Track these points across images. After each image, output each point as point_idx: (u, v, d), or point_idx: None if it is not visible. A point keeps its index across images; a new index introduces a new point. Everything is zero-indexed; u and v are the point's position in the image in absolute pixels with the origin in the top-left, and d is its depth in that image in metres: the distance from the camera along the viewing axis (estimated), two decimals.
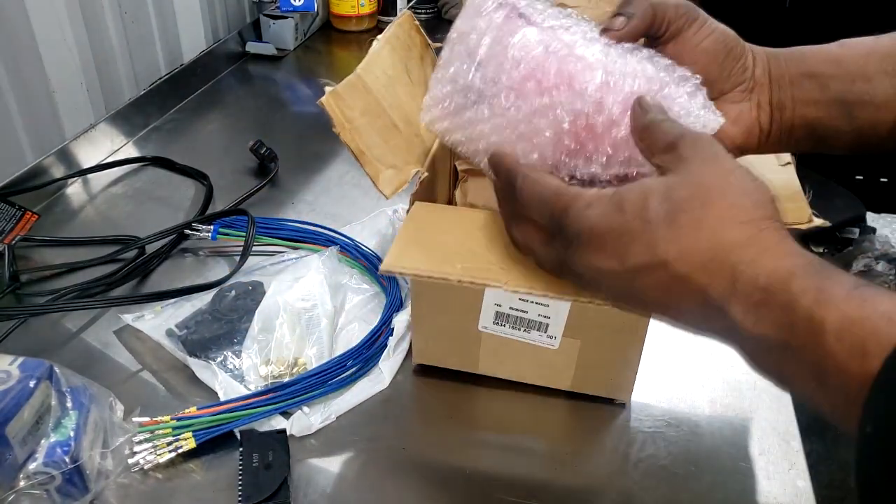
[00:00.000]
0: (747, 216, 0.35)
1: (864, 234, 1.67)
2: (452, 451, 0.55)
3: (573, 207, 0.39)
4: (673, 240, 0.36)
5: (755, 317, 0.34)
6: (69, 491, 0.48)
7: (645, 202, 0.37)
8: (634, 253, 0.37)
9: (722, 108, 0.48)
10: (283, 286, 0.65)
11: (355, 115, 0.53)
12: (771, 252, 0.34)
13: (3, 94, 0.80)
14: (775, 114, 0.48)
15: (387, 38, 0.59)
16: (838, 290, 0.31)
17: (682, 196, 0.36)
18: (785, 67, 0.48)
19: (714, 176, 0.37)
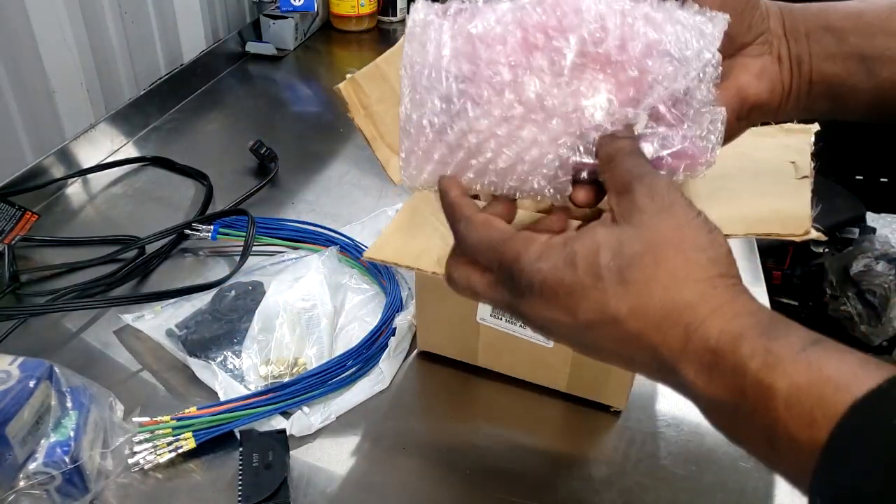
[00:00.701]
0: (702, 274, 0.35)
1: (864, 234, 1.67)
2: (453, 450, 0.55)
3: (523, 258, 0.38)
4: (624, 297, 0.35)
5: (706, 378, 0.33)
6: (69, 491, 0.48)
7: (596, 257, 0.36)
8: (585, 309, 0.36)
9: (745, 62, 0.45)
10: (283, 286, 0.65)
11: (371, 102, 0.54)
12: (722, 311, 0.34)
13: (3, 94, 0.80)
14: (794, 68, 0.46)
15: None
16: (786, 353, 0.31)
17: (635, 251, 0.35)
18: (801, 20, 0.46)
19: (668, 229, 0.35)
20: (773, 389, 0.30)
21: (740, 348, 0.32)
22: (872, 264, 1.61)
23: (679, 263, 0.35)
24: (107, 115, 0.96)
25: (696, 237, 0.36)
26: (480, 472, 0.53)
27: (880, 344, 1.63)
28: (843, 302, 1.62)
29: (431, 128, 0.42)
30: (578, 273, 0.36)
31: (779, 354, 0.31)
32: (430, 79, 0.42)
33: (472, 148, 0.41)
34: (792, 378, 0.30)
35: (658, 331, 0.34)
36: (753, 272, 0.74)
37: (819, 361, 0.30)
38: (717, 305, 0.34)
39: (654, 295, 0.34)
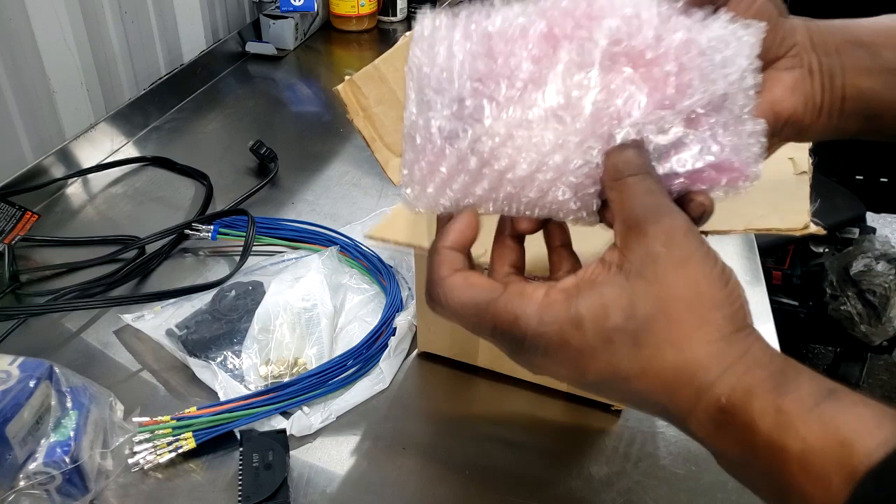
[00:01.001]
0: (717, 334, 0.33)
1: (864, 234, 1.67)
2: (453, 450, 0.55)
3: (522, 321, 0.35)
4: (636, 359, 0.34)
5: (717, 435, 0.33)
6: (69, 491, 0.48)
7: (606, 321, 0.34)
8: (595, 370, 0.35)
9: (778, 76, 0.42)
10: (283, 286, 0.65)
11: (369, 103, 0.54)
12: (734, 368, 0.32)
13: (3, 94, 0.80)
14: (825, 81, 0.42)
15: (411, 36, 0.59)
16: (798, 410, 0.30)
17: (648, 313, 0.33)
18: (828, 34, 0.43)
19: (684, 286, 0.33)
20: (786, 451, 0.30)
21: (751, 406, 0.31)
22: (872, 264, 1.61)
23: (694, 323, 0.33)
24: (107, 115, 0.96)
25: (713, 294, 0.33)
26: (480, 471, 0.53)
27: (880, 344, 1.63)
28: (843, 302, 1.62)
29: (440, 134, 0.37)
30: (587, 337, 0.34)
31: (790, 412, 0.30)
32: (441, 80, 0.37)
33: (487, 154, 0.37)
34: (805, 439, 0.29)
35: (668, 391, 0.34)
36: (753, 272, 0.74)
37: (833, 419, 0.29)
38: (730, 363, 0.32)
39: (667, 357, 0.33)
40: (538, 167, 0.36)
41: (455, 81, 0.37)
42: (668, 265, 0.33)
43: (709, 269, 0.34)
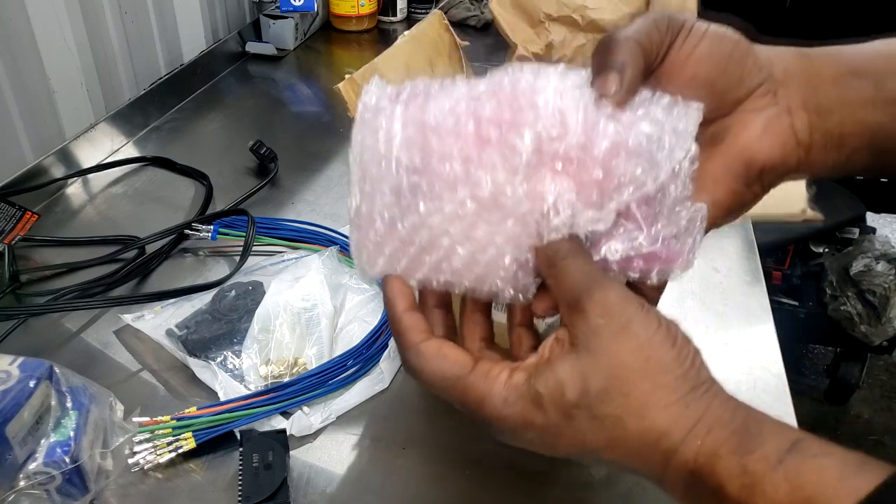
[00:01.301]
0: (672, 397, 0.33)
1: (864, 234, 1.67)
2: (453, 450, 0.55)
3: (487, 405, 0.36)
4: (599, 432, 0.34)
5: (691, 495, 0.33)
6: (69, 491, 0.48)
7: (563, 399, 0.34)
8: (563, 445, 0.36)
9: (745, 118, 0.39)
10: (283, 286, 0.65)
11: None
12: (696, 432, 0.33)
13: (3, 94, 0.80)
14: (815, 119, 0.39)
15: (413, 35, 0.60)
16: (763, 469, 0.30)
17: (601, 386, 0.34)
18: (821, 65, 0.39)
19: (629, 353, 0.33)
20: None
21: (717, 469, 0.31)
22: (872, 264, 1.61)
23: (647, 390, 0.33)
24: (107, 115, 0.96)
25: (660, 358, 0.34)
26: (480, 472, 0.53)
27: (880, 344, 1.63)
28: (843, 302, 1.62)
29: (382, 221, 0.38)
30: (549, 415, 0.35)
31: (756, 472, 0.30)
32: (381, 168, 0.38)
33: (425, 244, 0.38)
34: (773, 499, 0.30)
35: (637, 458, 0.34)
36: (753, 272, 0.74)
37: (797, 476, 0.30)
38: (691, 426, 0.33)
39: (629, 427, 0.34)
40: (472, 261, 0.37)
41: (394, 172, 0.38)
42: (610, 336, 0.34)
43: (651, 332, 0.34)
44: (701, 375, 0.34)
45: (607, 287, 0.35)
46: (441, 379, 0.37)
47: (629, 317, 0.34)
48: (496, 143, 0.36)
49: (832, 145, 0.39)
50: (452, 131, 0.37)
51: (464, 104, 0.37)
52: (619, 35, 0.37)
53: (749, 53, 0.39)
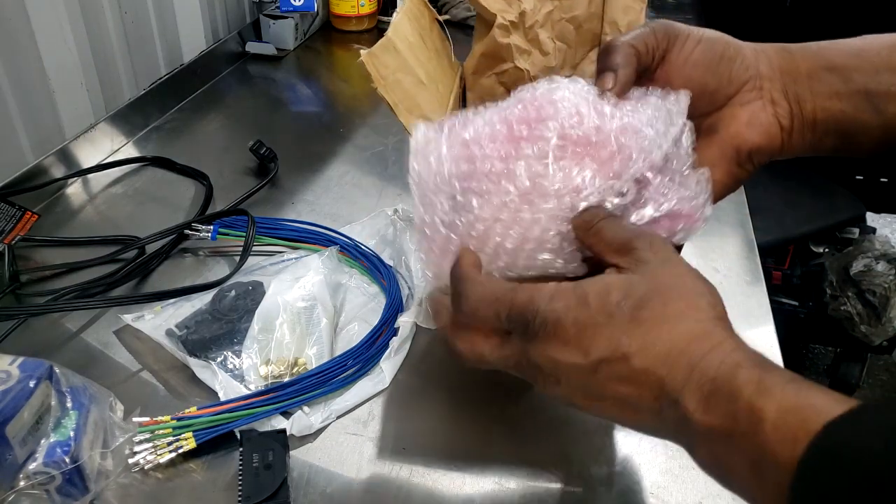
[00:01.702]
0: (703, 315, 0.37)
1: (864, 234, 1.67)
2: (452, 451, 0.55)
3: (537, 300, 0.40)
4: (635, 334, 0.37)
5: (705, 406, 0.35)
6: (69, 491, 0.48)
7: (608, 297, 0.38)
8: (598, 346, 0.38)
9: (734, 112, 0.46)
10: (283, 286, 0.65)
11: (389, 72, 0.58)
12: (722, 346, 0.36)
13: (3, 94, 0.80)
14: (794, 107, 0.46)
15: (404, 11, 0.64)
16: (777, 381, 0.34)
17: (643, 293, 0.38)
18: (800, 60, 0.46)
19: (672, 276, 0.39)
20: (763, 412, 0.33)
21: (737, 377, 0.34)
22: (872, 264, 1.61)
23: (683, 305, 0.38)
24: (107, 115, 0.96)
25: (695, 285, 0.39)
26: (480, 472, 0.53)
27: (880, 344, 1.63)
28: (843, 302, 1.62)
29: (443, 225, 0.46)
30: (591, 311, 0.38)
31: (770, 382, 0.34)
32: (437, 184, 0.46)
33: (481, 236, 0.45)
34: (780, 402, 0.32)
35: (665, 364, 0.37)
36: (753, 272, 0.74)
37: (805, 391, 0.33)
38: (718, 341, 0.36)
39: (663, 332, 0.37)
40: (523, 240, 0.44)
41: (447, 183, 0.46)
42: (657, 263, 0.39)
43: (690, 268, 0.40)
44: (725, 314, 0.39)
45: (650, 232, 0.41)
46: (491, 295, 0.42)
47: (671, 254, 0.40)
48: (527, 136, 0.44)
49: (807, 129, 0.46)
50: (489, 137, 0.45)
51: (496, 115, 0.45)
52: (617, 41, 0.44)
53: (738, 54, 0.46)
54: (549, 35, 0.62)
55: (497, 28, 0.61)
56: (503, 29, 0.61)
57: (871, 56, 0.45)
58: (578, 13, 0.61)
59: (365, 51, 0.56)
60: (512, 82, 0.63)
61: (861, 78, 0.45)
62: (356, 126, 1.06)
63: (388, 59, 0.58)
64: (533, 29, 0.62)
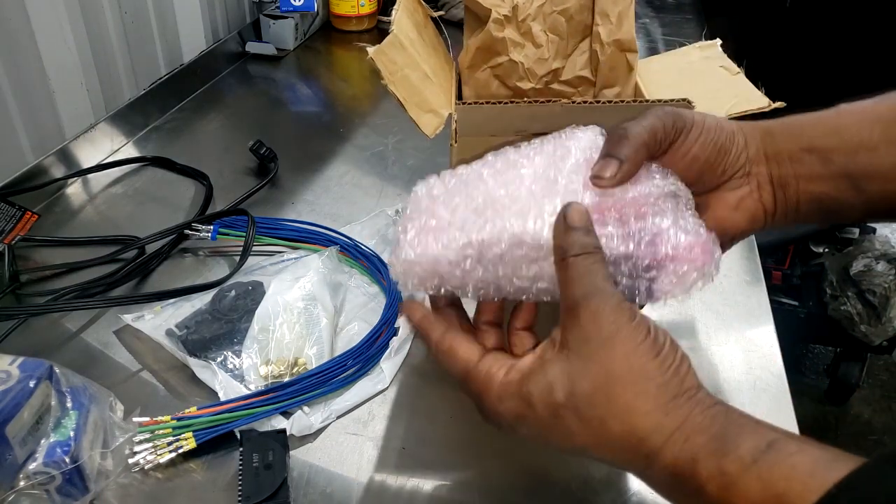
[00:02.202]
0: (652, 404, 0.36)
1: (864, 234, 1.67)
2: (452, 451, 0.55)
3: (486, 400, 0.41)
4: (585, 432, 0.37)
5: (674, 495, 0.36)
6: (69, 491, 0.48)
7: (551, 397, 0.38)
8: (554, 441, 0.39)
9: (722, 196, 0.47)
10: (283, 286, 0.65)
11: (397, 68, 0.58)
12: (674, 438, 0.35)
13: (3, 94, 0.80)
14: (778, 192, 0.47)
15: (402, 8, 0.64)
16: (738, 470, 0.33)
17: (586, 390, 0.37)
18: (782, 143, 0.47)
19: (615, 361, 0.37)
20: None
21: (697, 472, 0.34)
22: (872, 264, 1.61)
23: (629, 398, 0.36)
24: (107, 115, 0.96)
25: (643, 367, 0.36)
26: (480, 471, 0.53)
27: (880, 344, 1.63)
28: (843, 302, 1.62)
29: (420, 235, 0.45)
30: (538, 413, 0.39)
31: (732, 473, 0.33)
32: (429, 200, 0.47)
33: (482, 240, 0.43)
34: (747, 497, 0.32)
35: (623, 457, 0.38)
36: (753, 272, 0.74)
37: (770, 474, 0.32)
38: (670, 433, 0.35)
39: (613, 430, 0.37)
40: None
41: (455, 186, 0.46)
42: (598, 343, 0.37)
43: (638, 342, 0.37)
44: (684, 384, 0.37)
45: (604, 297, 0.38)
46: (453, 372, 0.43)
47: (619, 327, 0.37)
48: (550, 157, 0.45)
49: (791, 210, 0.47)
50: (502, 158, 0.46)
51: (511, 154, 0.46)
52: (631, 132, 0.43)
53: (733, 144, 0.46)
54: (541, 28, 0.63)
55: (492, 22, 0.61)
56: (498, 23, 0.61)
57: (850, 134, 0.45)
58: (570, 5, 0.62)
59: (372, 48, 0.56)
60: (506, 75, 0.63)
61: (840, 159, 0.45)
62: (356, 126, 1.06)
63: (396, 55, 0.58)
64: (526, 22, 0.62)
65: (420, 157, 0.95)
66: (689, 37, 1.38)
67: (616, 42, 0.61)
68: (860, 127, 0.45)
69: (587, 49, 0.63)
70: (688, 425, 0.35)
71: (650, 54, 0.84)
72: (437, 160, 0.93)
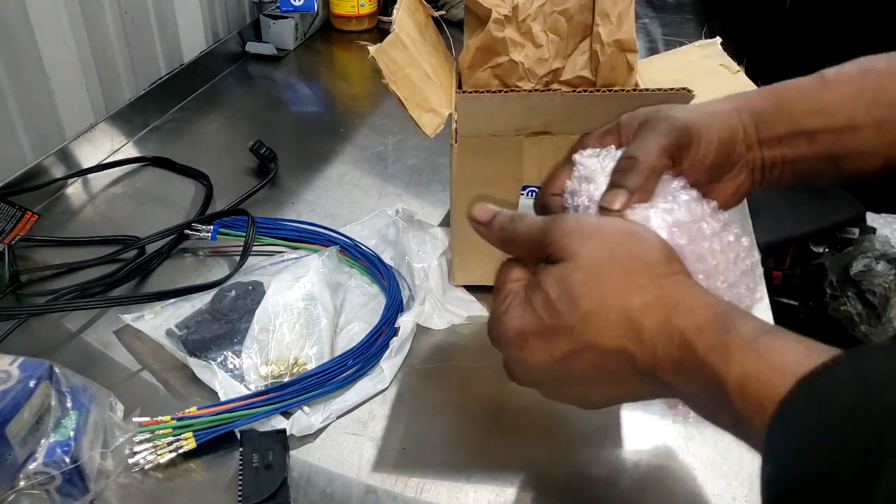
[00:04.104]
0: (644, 279, 0.37)
1: (864, 234, 1.67)
2: (452, 451, 0.55)
3: (495, 316, 0.42)
4: (586, 323, 0.37)
5: (681, 377, 0.35)
6: (69, 491, 0.48)
7: (546, 297, 0.38)
8: (559, 344, 0.38)
9: (723, 186, 0.48)
10: (283, 286, 0.65)
11: (398, 67, 0.58)
12: (677, 310, 0.36)
13: (3, 94, 0.80)
14: (767, 173, 0.49)
15: (403, 8, 0.64)
16: (738, 344, 0.33)
17: (576, 281, 0.37)
18: (773, 129, 0.47)
19: (598, 250, 0.38)
20: (727, 381, 0.33)
21: (700, 344, 0.34)
22: (872, 264, 1.61)
23: (620, 276, 0.37)
24: (107, 115, 0.96)
25: (626, 249, 0.38)
26: (480, 471, 0.53)
27: None
28: (843, 302, 1.62)
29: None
30: (539, 315, 0.39)
31: (732, 347, 0.33)
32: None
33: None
34: (742, 368, 0.32)
35: (628, 339, 0.37)
36: None
37: (768, 350, 0.32)
38: (671, 305, 0.36)
39: (611, 312, 0.37)
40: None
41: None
42: (578, 242, 0.39)
43: (616, 231, 0.39)
44: (672, 265, 0.38)
45: (563, 217, 0.41)
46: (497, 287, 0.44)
47: (592, 225, 0.39)
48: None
49: (773, 182, 0.49)
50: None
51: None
52: (640, 160, 0.44)
53: (737, 140, 0.47)
54: (541, 28, 0.63)
55: (492, 22, 0.61)
56: (498, 23, 0.61)
57: (836, 112, 0.46)
58: (570, 6, 0.62)
59: (374, 47, 0.56)
60: (507, 75, 0.63)
61: (826, 139, 0.46)
62: (356, 126, 1.06)
63: (397, 54, 0.59)
64: (526, 22, 0.63)
65: (420, 157, 0.95)
66: (689, 37, 1.38)
67: (616, 42, 0.61)
68: (847, 103, 0.46)
69: (587, 49, 0.63)
70: (689, 299, 0.36)
71: (650, 54, 0.84)
72: (437, 160, 0.93)
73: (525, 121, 0.58)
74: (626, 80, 0.63)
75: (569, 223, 0.40)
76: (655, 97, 0.55)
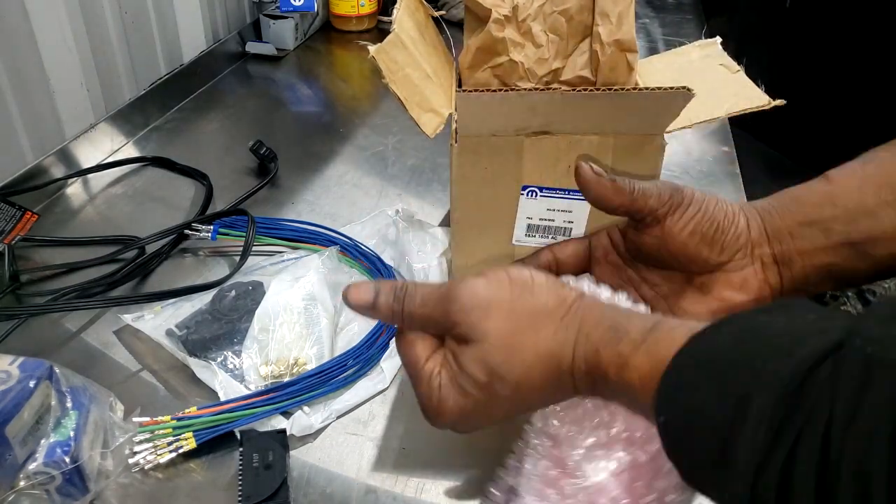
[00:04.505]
0: (550, 326, 0.40)
1: None
2: (453, 450, 0.55)
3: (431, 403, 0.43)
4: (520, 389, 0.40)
5: (599, 394, 0.40)
6: (69, 491, 0.48)
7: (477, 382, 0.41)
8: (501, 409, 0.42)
9: (727, 277, 0.47)
10: (283, 286, 0.65)
11: (398, 67, 0.58)
12: (579, 341, 0.39)
13: (3, 94, 0.80)
14: (783, 270, 0.47)
15: (403, 8, 0.64)
16: (631, 351, 0.36)
17: (498, 360, 0.40)
18: (781, 221, 0.47)
19: (502, 321, 0.40)
20: (631, 385, 0.36)
21: (601, 361, 0.38)
22: None
23: (531, 336, 0.40)
24: (107, 115, 0.96)
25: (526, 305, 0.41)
26: (480, 472, 0.53)
27: None
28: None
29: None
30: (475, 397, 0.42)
31: (626, 355, 0.37)
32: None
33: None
34: (639, 372, 0.36)
35: (558, 390, 0.41)
36: None
37: (656, 348, 0.35)
38: (574, 339, 0.39)
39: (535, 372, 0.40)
40: None
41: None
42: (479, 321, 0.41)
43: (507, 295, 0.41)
44: (567, 299, 0.41)
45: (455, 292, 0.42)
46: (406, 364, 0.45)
47: (483, 292, 0.41)
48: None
49: (800, 285, 0.47)
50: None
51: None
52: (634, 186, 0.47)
53: (732, 224, 0.46)
54: (541, 28, 0.63)
55: (492, 22, 0.61)
56: (498, 23, 0.61)
57: (845, 201, 0.45)
58: (570, 6, 0.62)
59: (374, 47, 0.56)
60: (507, 75, 0.63)
61: (841, 228, 0.45)
62: (356, 126, 1.06)
63: (397, 54, 0.59)
64: (526, 22, 0.62)
65: (420, 157, 0.95)
66: (689, 37, 1.38)
67: (616, 42, 0.61)
68: (853, 192, 0.45)
69: (587, 49, 0.63)
70: (585, 326, 0.39)
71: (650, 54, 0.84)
72: (437, 160, 0.93)
73: (525, 120, 0.58)
74: (627, 79, 0.63)
75: (464, 299, 0.41)
76: (655, 96, 0.55)
